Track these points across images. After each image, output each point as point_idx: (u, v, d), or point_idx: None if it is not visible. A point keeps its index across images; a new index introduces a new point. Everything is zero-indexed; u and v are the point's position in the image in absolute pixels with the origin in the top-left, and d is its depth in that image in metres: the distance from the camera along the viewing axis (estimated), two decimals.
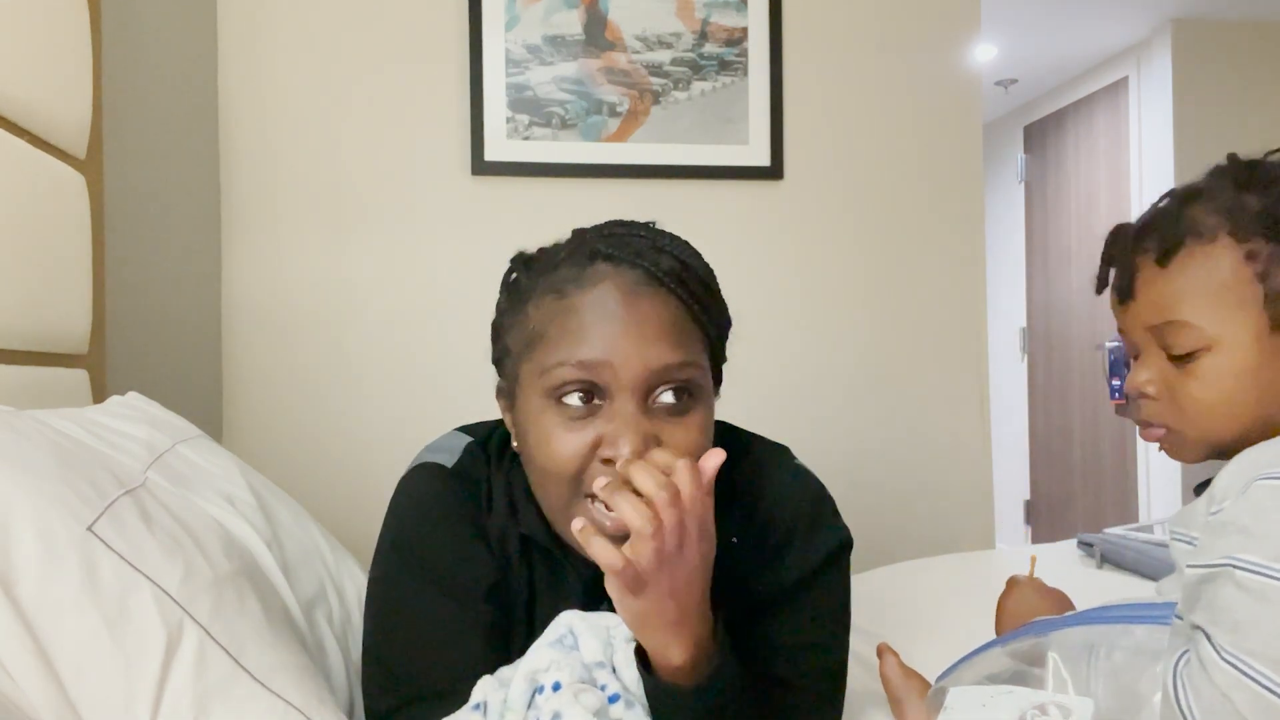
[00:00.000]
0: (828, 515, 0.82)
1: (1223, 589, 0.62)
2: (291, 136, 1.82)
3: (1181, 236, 0.72)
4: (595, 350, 0.69)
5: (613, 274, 0.71)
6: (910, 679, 0.85)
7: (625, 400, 0.69)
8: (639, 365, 0.68)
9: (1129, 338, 0.77)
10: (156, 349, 1.46)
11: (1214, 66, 3.31)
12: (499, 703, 0.66)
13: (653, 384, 0.69)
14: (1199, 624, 0.62)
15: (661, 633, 0.65)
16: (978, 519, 2.05)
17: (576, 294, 0.71)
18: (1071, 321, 3.99)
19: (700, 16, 1.92)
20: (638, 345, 0.69)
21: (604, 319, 0.69)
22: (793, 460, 0.85)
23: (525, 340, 0.73)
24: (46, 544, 0.62)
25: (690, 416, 0.71)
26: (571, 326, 0.70)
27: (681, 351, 0.70)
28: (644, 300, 0.70)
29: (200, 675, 0.64)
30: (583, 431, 0.69)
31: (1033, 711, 0.58)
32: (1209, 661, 0.59)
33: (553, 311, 0.72)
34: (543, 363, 0.71)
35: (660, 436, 0.69)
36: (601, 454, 0.68)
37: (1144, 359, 0.75)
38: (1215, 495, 0.68)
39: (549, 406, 0.70)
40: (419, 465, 0.82)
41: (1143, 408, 0.75)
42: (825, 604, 0.80)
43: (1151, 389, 0.74)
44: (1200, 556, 0.66)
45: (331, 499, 1.75)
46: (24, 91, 0.98)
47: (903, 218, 2.02)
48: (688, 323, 0.72)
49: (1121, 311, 0.77)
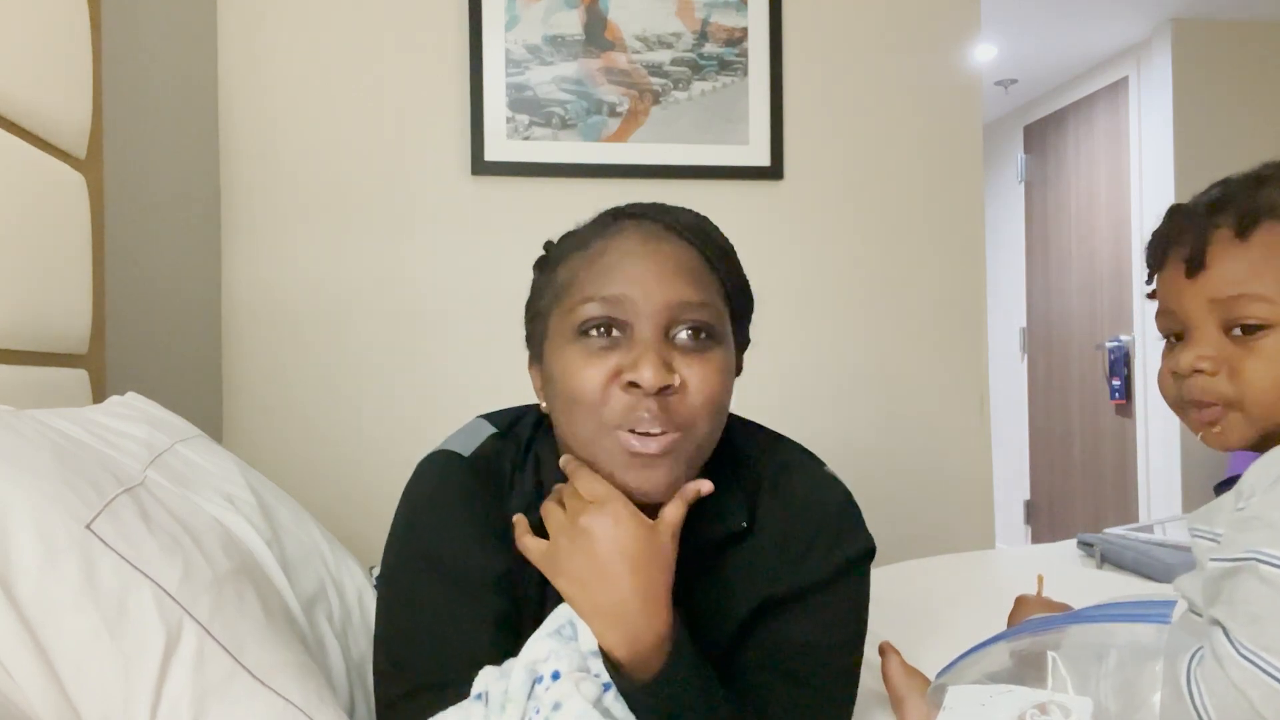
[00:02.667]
0: (854, 522, 0.83)
1: (1245, 582, 0.61)
2: (291, 136, 1.82)
3: (1260, 213, 0.71)
4: (617, 285, 0.72)
5: (635, 225, 0.76)
6: (912, 678, 0.86)
7: (645, 330, 0.72)
8: (658, 298, 0.72)
9: (1178, 314, 0.75)
10: (156, 349, 1.46)
11: (1214, 66, 3.31)
12: (500, 693, 0.66)
13: (672, 317, 0.73)
14: (1217, 617, 0.62)
15: (595, 620, 0.68)
16: (978, 519, 2.06)
17: (600, 242, 0.76)
18: (1071, 321, 3.99)
19: (700, 16, 1.92)
20: (658, 281, 0.72)
21: (626, 258, 0.74)
22: (823, 467, 0.86)
23: (554, 294, 0.77)
24: (46, 543, 0.62)
25: (708, 355, 0.74)
26: (595, 268, 0.74)
27: (700, 291, 0.74)
28: (664, 244, 0.75)
29: (200, 674, 0.64)
30: (605, 361, 0.72)
31: (1032, 711, 0.58)
32: (1225, 657, 0.59)
33: (578, 261, 0.76)
34: (569, 303, 0.74)
35: (678, 369, 0.72)
36: (624, 379, 0.71)
37: (1197, 336, 0.73)
38: (1243, 490, 0.68)
39: (573, 341, 0.74)
40: (434, 453, 0.82)
41: (1194, 386, 0.73)
42: (843, 607, 0.81)
43: (1207, 365, 0.72)
44: (1224, 550, 0.66)
45: (331, 499, 1.75)
46: (24, 91, 0.98)
47: (903, 218, 2.02)
48: (706, 271, 0.76)
49: (1183, 285, 0.74)
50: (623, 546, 0.69)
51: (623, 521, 0.69)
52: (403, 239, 1.86)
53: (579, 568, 0.69)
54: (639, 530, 0.70)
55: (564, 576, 0.70)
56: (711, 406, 0.73)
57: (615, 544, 0.69)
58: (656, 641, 0.69)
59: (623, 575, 0.68)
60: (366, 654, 0.89)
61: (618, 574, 0.68)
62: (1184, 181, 3.27)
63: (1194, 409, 0.75)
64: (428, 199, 1.87)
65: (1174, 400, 0.77)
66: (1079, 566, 1.65)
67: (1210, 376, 0.72)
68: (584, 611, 0.69)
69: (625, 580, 0.68)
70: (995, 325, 3.89)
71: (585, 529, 0.70)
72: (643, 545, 0.69)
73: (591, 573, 0.69)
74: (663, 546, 0.71)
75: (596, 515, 0.70)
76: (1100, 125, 3.77)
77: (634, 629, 0.68)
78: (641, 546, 0.69)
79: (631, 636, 0.68)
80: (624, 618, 0.68)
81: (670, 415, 0.71)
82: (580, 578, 0.69)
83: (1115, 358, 3.63)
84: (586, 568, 0.69)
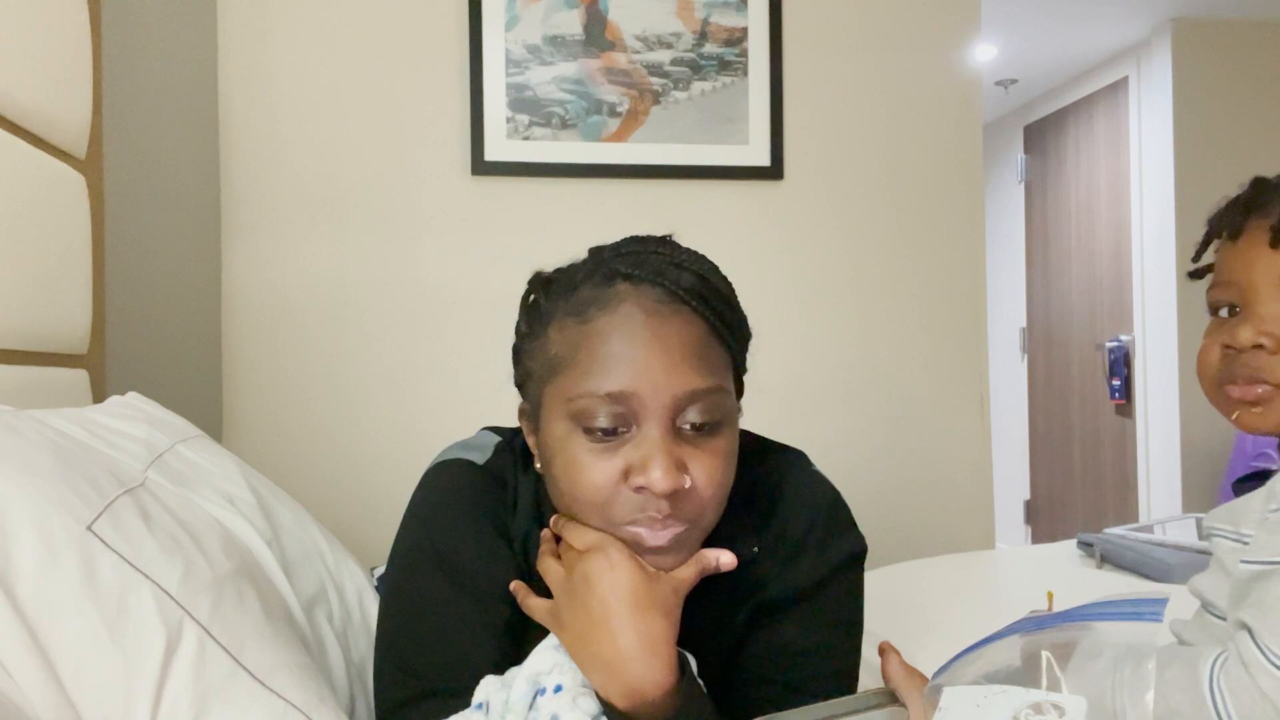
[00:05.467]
0: (843, 522, 0.82)
1: (1276, 586, 0.61)
2: (291, 136, 1.82)
3: None
4: (622, 380, 0.67)
5: (634, 294, 0.70)
6: (912, 677, 0.85)
7: (653, 427, 0.68)
8: (666, 393, 0.68)
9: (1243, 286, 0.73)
10: (156, 349, 1.46)
11: (1214, 66, 3.31)
12: (500, 703, 0.66)
13: (679, 409, 0.69)
14: (1245, 621, 0.61)
15: (595, 673, 0.66)
16: (978, 519, 2.06)
17: (598, 317, 0.70)
18: (1071, 321, 3.99)
19: (700, 16, 1.92)
20: (664, 372, 0.68)
21: (628, 344, 0.68)
22: (810, 467, 0.85)
23: (548, 364, 0.72)
24: (46, 543, 0.62)
25: (715, 441, 0.71)
26: (596, 354, 0.69)
27: (707, 376, 0.70)
28: (667, 322, 0.69)
29: (200, 674, 0.64)
30: (611, 460, 0.68)
31: (1027, 710, 0.57)
32: (1252, 663, 0.58)
33: (575, 336, 0.70)
34: (568, 391, 0.69)
35: (686, 461, 0.69)
36: (633, 483, 0.68)
37: (1263, 311, 0.71)
38: (1275, 492, 0.67)
39: (574, 433, 0.69)
40: (448, 460, 0.81)
41: (1249, 362, 0.71)
42: (837, 610, 0.80)
43: (1269, 341, 0.70)
44: (1256, 552, 0.64)
45: (331, 499, 1.75)
46: (24, 91, 0.98)
47: (903, 218, 2.02)
48: (712, 342, 0.72)
49: (1258, 255, 0.72)
50: (620, 589, 0.67)
51: (619, 565, 0.68)
52: (403, 239, 1.86)
53: (578, 620, 0.67)
54: (637, 574, 0.68)
55: (566, 630, 0.68)
56: (719, 496, 0.71)
57: (612, 587, 0.67)
58: (658, 694, 0.66)
59: (621, 620, 0.66)
60: (367, 655, 0.89)
61: (616, 619, 0.66)
62: (1184, 181, 3.27)
63: (1237, 386, 0.72)
64: (428, 199, 1.87)
65: (1215, 376, 0.74)
66: (1079, 566, 1.65)
67: (1270, 355, 0.70)
68: (584, 664, 0.67)
69: (624, 625, 0.66)
70: (995, 325, 3.89)
71: (583, 575, 0.68)
72: (642, 590, 0.67)
73: (589, 622, 0.67)
74: (665, 595, 0.68)
75: (593, 560, 0.68)
76: (1100, 125, 3.77)
77: (633, 680, 0.65)
78: (641, 591, 0.67)
79: (630, 689, 0.65)
80: (623, 666, 0.65)
81: (678, 511, 0.69)
82: (579, 629, 0.67)
83: (1115, 358, 3.63)
84: (585, 619, 0.67)
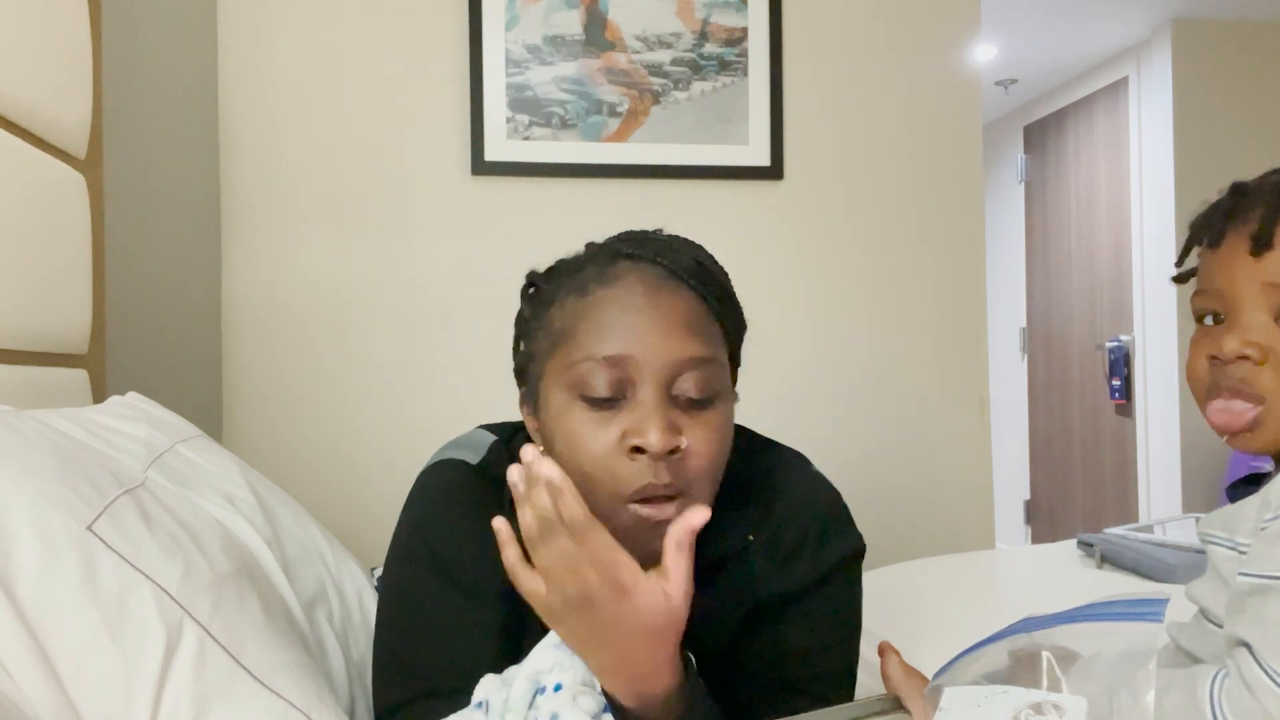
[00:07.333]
0: (842, 522, 0.82)
1: (1276, 603, 0.59)
2: (291, 136, 1.82)
3: None
4: (619, 344, 0.70)
5: (634, 270, 0.73)
6: (912, 677, 0.85)
7: (649, 391, 0.70)
8: (662, 357, 0.70)
9: (1225, 294, 0.70)
10: (156, 349, 1.46)
11: (1214, 66, 3.31)
12: (500, 702, 0.66)
13: (675, 375, 0.70)
14: (1244, 638, 0.60)
15: (601, 674, 0.65)
16: (978, 519, 2.06)
17: (599, 290, 0.73)
18: (1071, 321, 3.99)
19: (700, 16, 1.92)
20: (661, 338, 0.70)
21: (627, 313, 0.71)
22: (810, 467, 0.85)
23: (550, 340, 0.74)
24: (46, 543, 0.62)
25: (710, 414, 0.72)
26: (595, 322, 0.71)
27: (703, 346, 0.72)
28: (665, 295, 0.72)
29: (200, 674, 0.64)
30: (608, 428, 0.70)
31: (1027, 711, 0.57)
32: (1256, 683, 0.57)
33: (576, 309, 0.73)
34: (568, 358, 0.72)
35: (682, 428, 0.70)
36: (629, 443, 0.69)
37: (1246, 320, 0.69)
38: (1270, 502, 0.65)
39: (573, 402, 0.71)
40: (442, 460, 0.81)
41: (1234, 374, 0.69)
42: (835, 609, 0.80)
43: (1254, 351, 0.68)
44: (1254, 565, 0.63)
45: (331, 499, 1.75)
46: (24, 91, 0.98)
47: (903, 218, 2.02)
48: (708, 319, 0.74)
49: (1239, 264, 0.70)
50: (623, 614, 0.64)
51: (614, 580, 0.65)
52: (403, 239, 1.86)
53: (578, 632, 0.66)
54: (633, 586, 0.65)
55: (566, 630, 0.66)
56: (712, 469, 0.72)
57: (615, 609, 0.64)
58: (664, 694, 0.66)
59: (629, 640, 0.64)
60: (367, 655, 0.89)
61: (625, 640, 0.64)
62: (1184, 181, 3.27)
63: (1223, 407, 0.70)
64: (428, 199, 1.87)
65: (1205, 388, 0.72)
66: (1079, 566, 1.65)
67: (1256, 365, 0.68)
68: (590, 665, 0.66)
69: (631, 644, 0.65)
70: (995, 325, 3.89)
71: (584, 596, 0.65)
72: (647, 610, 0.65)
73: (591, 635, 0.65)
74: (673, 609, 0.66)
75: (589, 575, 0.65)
76: (1100, 125, 3.77)
77: (639, 685, 0.65)
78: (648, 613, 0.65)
79: (636, 691, 0.65)
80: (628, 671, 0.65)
81: (675, 477, 0.69)
82: (580, 638, 0.66)
83: (1115, 358, 3.63)
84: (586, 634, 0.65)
